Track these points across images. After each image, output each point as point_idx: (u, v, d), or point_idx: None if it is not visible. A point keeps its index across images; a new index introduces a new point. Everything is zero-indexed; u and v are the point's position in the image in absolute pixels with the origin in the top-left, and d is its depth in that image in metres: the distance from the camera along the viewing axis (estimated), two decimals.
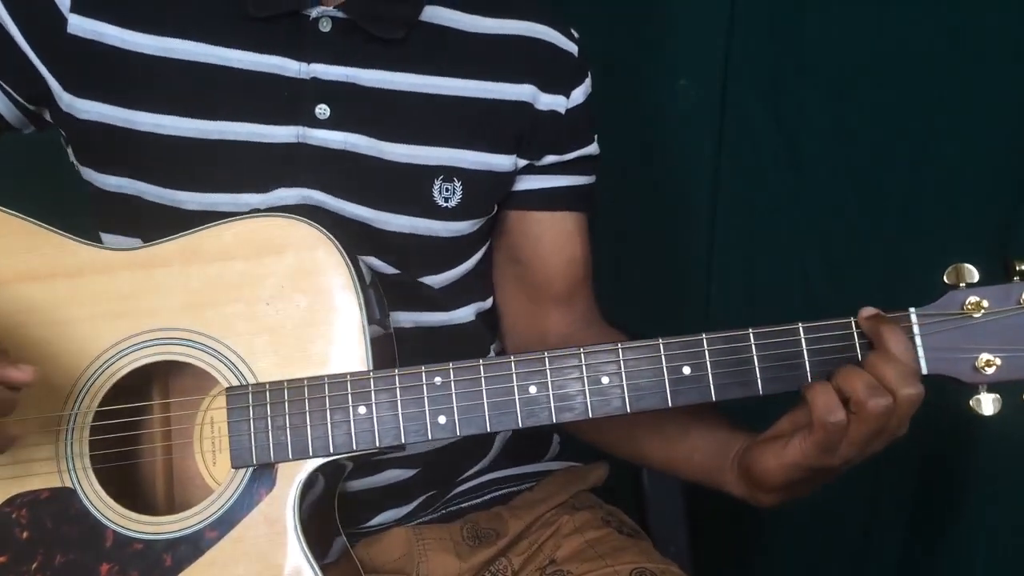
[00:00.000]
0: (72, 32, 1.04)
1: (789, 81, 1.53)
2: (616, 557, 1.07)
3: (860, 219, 1.51)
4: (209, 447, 1.03)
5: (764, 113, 1.55)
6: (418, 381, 0.95)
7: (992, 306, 0.92)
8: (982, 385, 0.93)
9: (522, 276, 1.20)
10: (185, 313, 0.98)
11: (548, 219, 1.18)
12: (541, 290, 1.20)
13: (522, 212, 1.18)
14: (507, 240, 1.20)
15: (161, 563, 0.95)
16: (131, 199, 1.08)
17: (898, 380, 0.87)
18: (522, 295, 1.21)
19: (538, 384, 0.94)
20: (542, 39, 1.14)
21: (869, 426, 0.88)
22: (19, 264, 0.99)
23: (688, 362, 0.93)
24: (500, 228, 1.20)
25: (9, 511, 0.96)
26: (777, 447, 0.94)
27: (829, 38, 1.49)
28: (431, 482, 1.15)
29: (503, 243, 1.20)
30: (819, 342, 0.93)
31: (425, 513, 1.16)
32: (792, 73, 1.52)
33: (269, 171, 1.05)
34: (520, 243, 1.19)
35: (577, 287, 1.21)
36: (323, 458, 0.95)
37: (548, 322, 1.20)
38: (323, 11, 1.05)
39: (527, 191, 1.17)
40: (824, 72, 1.50)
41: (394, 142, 1.08)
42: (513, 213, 1.18)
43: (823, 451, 0.90)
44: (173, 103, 1.05)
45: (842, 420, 0.88)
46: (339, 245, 0.98)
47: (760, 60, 1.54)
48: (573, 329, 1.20)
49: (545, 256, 1.19)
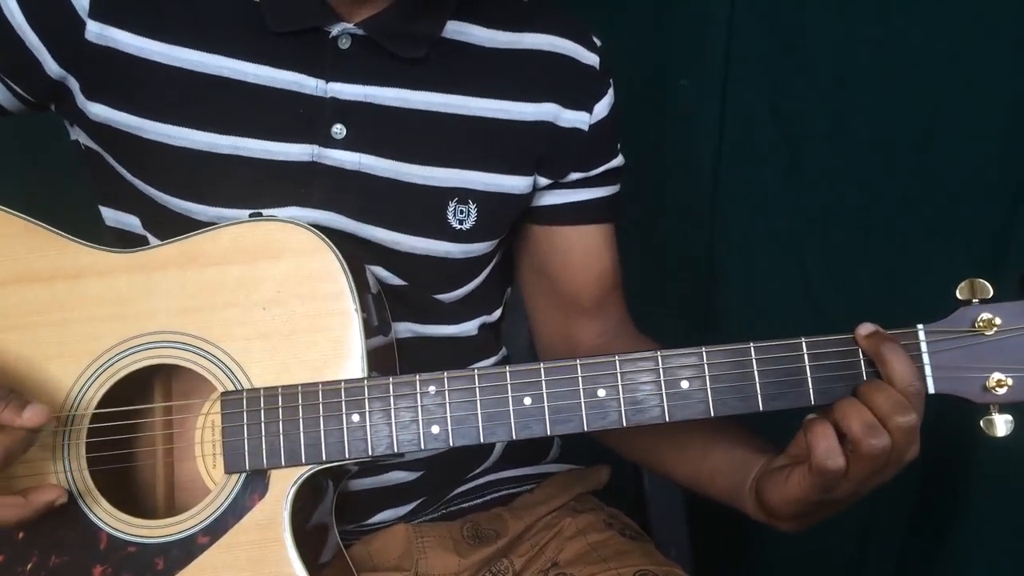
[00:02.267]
0: (89, 38, 1.04)
1: (789, 81, 1.53)
2: (620, 560, 1.07)
3: (860, 219, 1.51)
4: (210, 451, 1.03)
5: (764, 113, 1.55)
6: (412, 390, 0.94)
7: (1005, 324, 0.89)
8: (993, 406, 0.89)
9: (552, 289, 1.19)
10: (182, 317, 0.98)
11: (576, 233, 1.17)
12: (572, 302, 1.19)
13: (549, 227, 1.16)
14: (535, 254, 1.19)
15: (153, 567, 0.95)
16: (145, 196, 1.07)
17: (892, 409, 0.85)
18: (553, 307, 1.21)
19: (533, 396, 0.93)
20: (564, 54, 1.12)
21: (867, 465, 0.86)
22: (19, 265, 0.99)
23: (687, 376, 0.91)
24: (527, 242, 1.19)
25: None
26: (780, 481, 0.92)
27: (829, 38, 1.49)
28: (433, 483, 1.15)
29: (531, 257, 1.20)
30: (822, 358, 0.90)
31: (425, 513, 1.16)
32: (792, 73, 1.53)
33: (282, 189, 1.04)
34: (548, 257, 1.18)
35: (607, 297, 1.20)
36: (315, 465, 0.94)
37: (580, 333, 1.20)
38: (344, 28, 1.04)
39: (553, 206, 1.16)
40: (824, 72, 1.51)
41: (410, 163, 1.07)
42: (540, 228, 1.17)
43: (822, 491, 0.89)
44: (186, 115, 1.04)
45: (841, 467, 0.86)
46: (337, 251, 0.98)
47: (760, 60, 1.54)
48: (605, 339, 1.19)
49: (575, 269, 1.18)
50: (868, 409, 0.86)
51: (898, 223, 1.48)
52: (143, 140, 1.04)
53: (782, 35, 1.52)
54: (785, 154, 1.54)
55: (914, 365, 0.88)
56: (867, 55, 1.47)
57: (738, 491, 1.00)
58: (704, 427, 1.01)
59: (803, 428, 0.90)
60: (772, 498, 0.92)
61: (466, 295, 1.15)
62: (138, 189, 1.08)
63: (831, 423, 0.87)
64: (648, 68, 1.60)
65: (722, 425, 1.00)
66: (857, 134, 1.49)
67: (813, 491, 0.88)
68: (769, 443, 1.01)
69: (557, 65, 1.12)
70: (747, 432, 1.03)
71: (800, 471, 0.89)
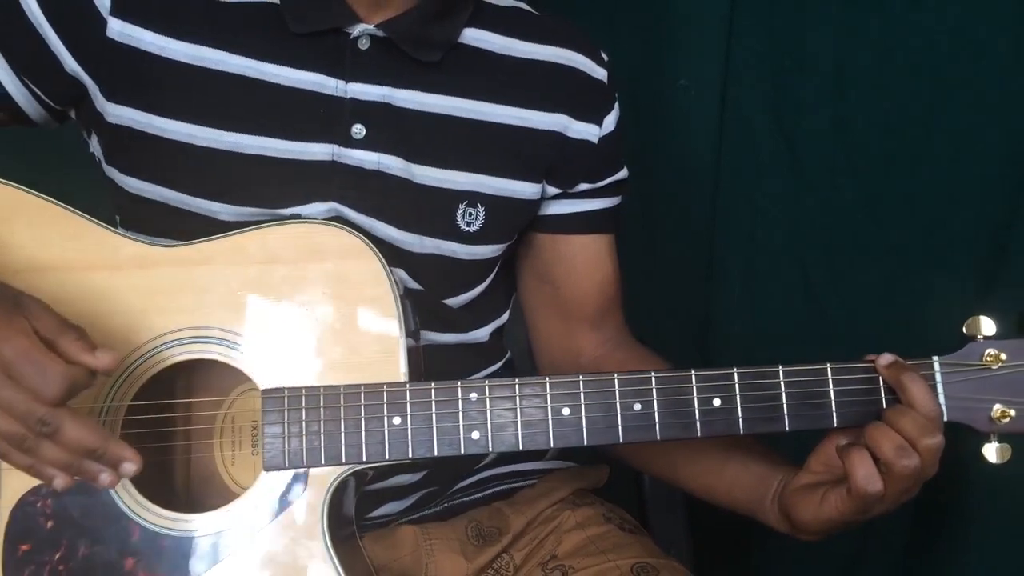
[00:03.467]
0: (111, 36, 1.03)
1: (789, 81, 1.52)
2: (618, 553, 1.10)
3: (860, 219, 1.50)
4: (229, 447, 1.04)
5: (764, 113, 1.54)
6: (454, 396, 0.97)
7: (1010, 359, 0.97)
8: (993, 434, 0.97)
9: (554, 297, 1.22)
10: (224, 312, 0.99)
11: (580, 242, 1.20)
12: (574, 310, 1.22)
13: (555, 236, 1.19)
14: (538, 262, 1.22)
15: (187, 561, 0.96)
16: (155, 204, 1.07)
17: (920, 432, 0.92)
18: (555, 316, 1.23)
19: (571, 406, 0.97)
20: (575, 67, 1.15)
21: (899, 485, 0.93)
22: (58, 254, 0.99)
23: (720, 394, 0.96)
24: (530, 250, 1.22)
25: (34, 500, 0.96)
26: (814, 501, 0.97)
27: (829, 38, 1.48)
28: (434, 482, 1.18)
29: (534, 265, 1.22)
30: (845, 384, 0.96)
31: (426, 508, 1.18)
32: (792, 73, 1.52)
33: (302, 188, 1.06)
34: (552, 265, 1.21)
35: (609, 306, 1.23)
36: (355, 465, 0.96)
37: (582, 342, 1.22)
38: (364, 29, 1.06)
39: (560, 215, 1.19)
40: (824, 72, 1.49)
41: (423, 164, 1.09)
42: (545, 236, 1.20)
43: (860, 512, 0.95)
44: (208, 114, 1.04)
45: (880, 490, 0.92)
46: (380, 256, 1.00)
47: (760, 60, 1.53)
48: (607, 348, 1.22)
49: (578, 277, 1.21)
50: (896, 433, 0.92)
51: (898, 223, 1.47)
52: (165, 141, 1.04)
53: (782, 35, 1.51)
54: (785, 154, 1.54)
55: (933, 392, 0.95)
56: (867, 55, 1.46)
57: (759, 504, 1.05)
58: (719, 441, 1.06)
59: (839, 453, 0.95)
60: (804, 516, 0.98)
61: (472, 300, 1.18)
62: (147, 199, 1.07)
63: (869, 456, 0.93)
64: (648, 68, 1.59)
65: (735, 440, 1.05)
66: (857, 134, 1.49)
67: (851, 513, 0.94)
68: (781, 456, 1.06)
69: (569, 77, 1.15)
70: (761, 445, 1.07)
71: (837, 494, 0.95)
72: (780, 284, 1.57)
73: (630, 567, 1.07)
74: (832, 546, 1.50)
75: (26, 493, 0.96)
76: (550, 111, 1.14)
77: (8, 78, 1.05)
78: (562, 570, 1.09)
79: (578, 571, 1.08)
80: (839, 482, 0.95)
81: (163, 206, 1.07)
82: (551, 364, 1.24)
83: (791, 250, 1.56)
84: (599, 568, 1.08)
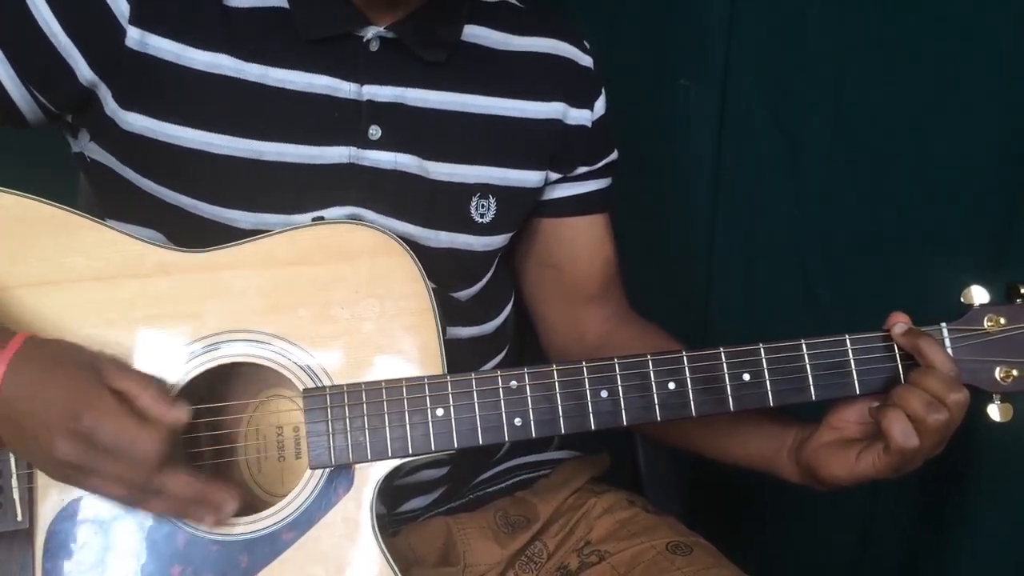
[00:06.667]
0: (129, 45, 1.02)
1: (789, 81, 1.54)
2: (649, 535, 1.14)
3: (860, 219, 1.52)
4: (254, 452, 1.04)
5: (764, 113, 1.56)
6: (495, 384, 0.99)
7: (1008, 323, 1.03)
8: (996, 395, 1.03)
9: (558, 279, 1.26)
10: (258, 316, 0.99)
11: (581, 223, 1.24)
12: (578, 291, 1.26)
13: (556, 219, 1.23)
14: (540, 246, 1.25)
15: (237, 565, 0.96)
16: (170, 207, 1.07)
17: (946, 389, 0.97)
18: (559, 298, 1.27)
19: (608, 388, 1.00)
20: (566, 57, 1.20)
21: (932, 439, 0.98)
22: (83, 263, 0.97)
23: (748, 370, 1.01)
24: (531, 236, 1.25)
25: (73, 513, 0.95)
26: (848, 458, 1.02)
27: (829, 38, 1.50)
28: (457, 476, 1.20)
29: (535, 249, 1.25)
30: (863, 352, 1.02)
31: (451, 501, 1.20)
32: (792, 73, 1.53)
33: (321, 192, 1.07)
34: (554, 248, 1.24)
35: (611, 283, 1.27)
36: (401, 459, 0.98)
37: (586, 321, 1.26)
38: (375, 32, 1.07)
39: (561, 199, 1.22)
40: (824, 72, 1.51)
41: (437, 161, 1.11)
42: (547, 220, 1.23)
43: (896, 470, 1.00)
44: (225, 122, 1.04)
45: (916, 445, 0.97)
46: (411, 252, 1.01)
47: (760, 60, 1.55)
48: (612, 324, 1.26)
49: (581, 258, 1.25)
50: (923, 391, 0.98)
51: (898, 222, 1.49)
52: (182, 149, 1.04)
53: (782, 35, 1.53)
54: (785, 153, 1.56)
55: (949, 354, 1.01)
56: (867, 55, 1.48)
57: (774, 458, 1.10)
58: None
59: (872, 414, 1.01)
60: (838, 473, 1.02)
61: (478, 292, 1.20)
62: (164, 201, 1.07)
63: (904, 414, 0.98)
64: (648, 68, 1.61)
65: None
66: (857, 134, 1.50)
67: (887, 469, 0.99)
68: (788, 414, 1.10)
69: (562, 67, 1.19)
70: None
71: (874, 452, 1.00)
72: (780, 282, 1.59)
73: (665, 546, 1.11)
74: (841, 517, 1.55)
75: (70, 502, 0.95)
76: (549, 100, 1.17)
77: (13, 86, 1.03)
78: (599, 555, 1.12)
79: (614, 555, 1.11)
80: (873, 442, 1.00)
81: (177, 210, 1.06)
82: (558, 347, 1.28)
83: (791, 248, 1.58)
84: (635, 550, 1.11)
